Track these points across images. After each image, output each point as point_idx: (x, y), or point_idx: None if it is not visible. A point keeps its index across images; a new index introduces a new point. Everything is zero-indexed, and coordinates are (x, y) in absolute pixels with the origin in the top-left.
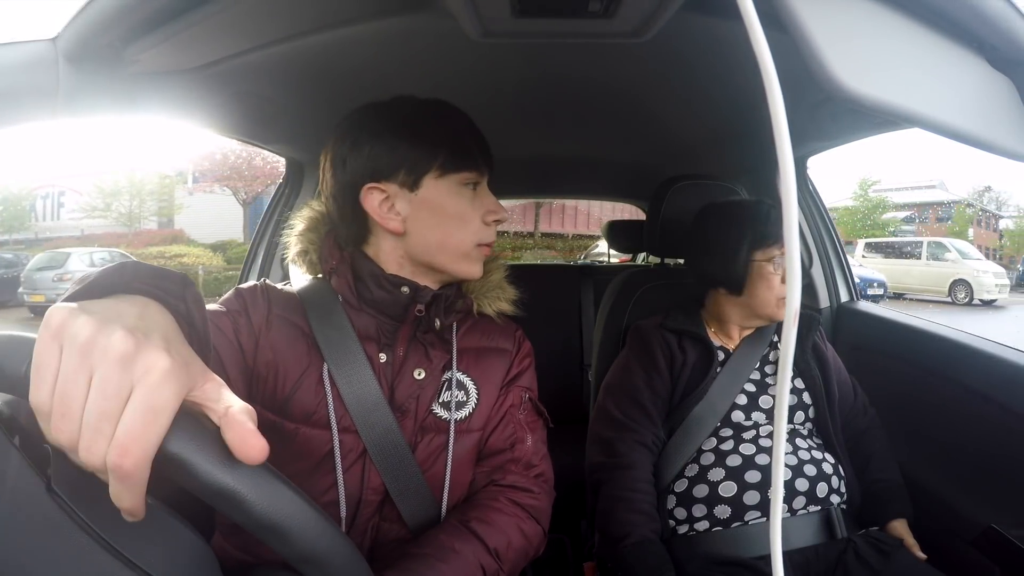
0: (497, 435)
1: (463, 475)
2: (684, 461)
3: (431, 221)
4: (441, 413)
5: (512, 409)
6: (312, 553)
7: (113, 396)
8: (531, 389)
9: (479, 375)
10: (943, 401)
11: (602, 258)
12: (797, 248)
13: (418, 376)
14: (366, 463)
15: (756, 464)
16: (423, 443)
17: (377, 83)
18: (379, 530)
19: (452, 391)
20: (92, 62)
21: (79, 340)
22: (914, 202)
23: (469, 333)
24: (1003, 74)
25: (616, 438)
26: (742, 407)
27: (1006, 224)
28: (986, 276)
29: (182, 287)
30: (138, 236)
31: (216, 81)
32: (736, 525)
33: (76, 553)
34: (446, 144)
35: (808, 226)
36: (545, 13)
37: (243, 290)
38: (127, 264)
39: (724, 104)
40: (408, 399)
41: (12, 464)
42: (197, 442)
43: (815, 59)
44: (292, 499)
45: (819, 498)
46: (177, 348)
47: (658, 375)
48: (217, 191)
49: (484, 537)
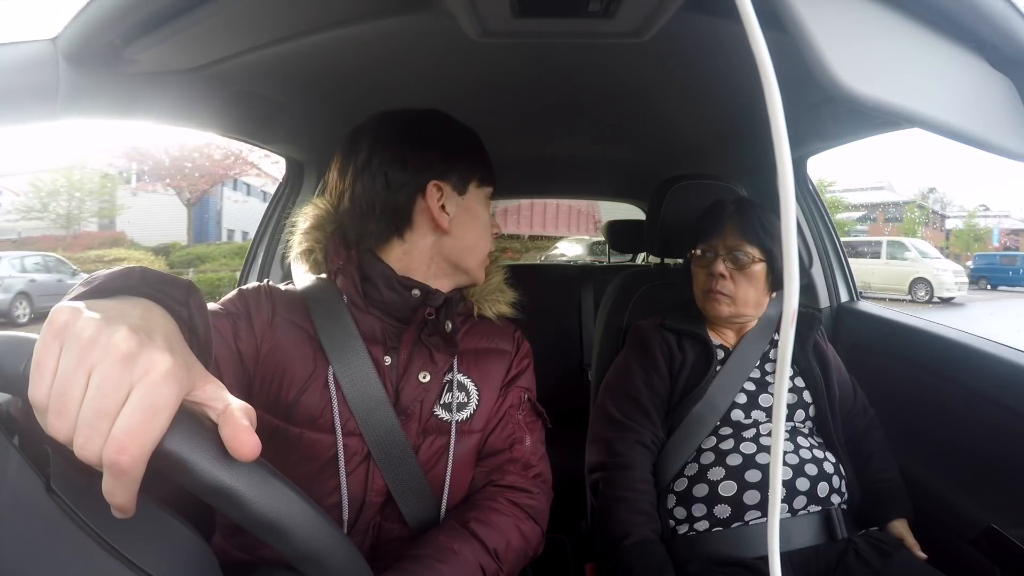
0: (496, 435)
1: (463, 475)
2: (684, 460)
3: (470, 225)
4: (442, 414)
5: (511, 410)
6: (311, 551)
7: (111, 394)
8: (530, 389)
9: (479, 376)
10: (943, 401)
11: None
12: (795, 248)
13: (423, 379)
14: (370, 466)
15: (757, 463)
16: (425, 445)
17: (377, 83)
18: (381, 529)
19: (454, 392)
20: (92, 62)
21: (81, 338)
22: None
23: (469, 335)
24: (1003, 74)
25: (616, 438)
26: (742, 405)
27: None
28: (946, 274)
29: (186, 294)
30: (77, 239)
31: (216, 81)
32: (736, 525)
33: (75, 553)
34: (483, 161)
35: (808, 226)
36: (545, 13)
37: (246, 291)
38: (134, 269)
39: (724, 104)
40: (413, 402)
41: (11, 464)
42: (195, 440)
43: (815, 59)
44: (290, 497)
45: (820, 498)
46: (178, 350)
47: (657, 375)
48: (160, 191)
49: (483, 538)
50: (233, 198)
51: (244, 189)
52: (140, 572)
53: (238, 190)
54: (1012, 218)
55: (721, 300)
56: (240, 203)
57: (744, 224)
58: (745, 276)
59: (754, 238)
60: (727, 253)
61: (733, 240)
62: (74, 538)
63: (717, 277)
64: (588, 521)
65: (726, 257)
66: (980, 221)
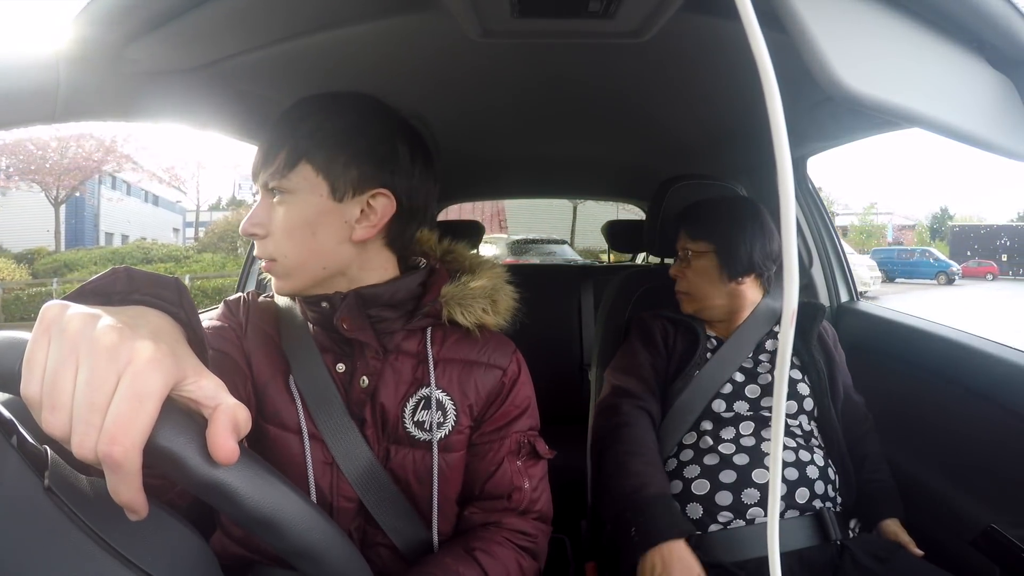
0: (494, 483)
1: (450, 491)
2: (666, 455)
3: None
4: (415, 432)
5: (509, 456)
6: (306, 547)
7: (99, 387)
8: (532, 430)
9: (458, 393)
10: (943, 401)
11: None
12: (795, 247)
13: (363, 384)
14: (335, 471)
15: (733, 463)
16: (397, 456)
17: (377, 83)
18: (365, 533)
19: (432, 411)
20: (92, 62)
21: (67, 331)
22: None
23: (457, 345)
24: (1003, 74)
25: (622, 403)
26: (726, 396)
27: (851, 220)
28: (861, 269)
29: (178, 295)
30: None
31: (216, 81)
32: (714, 528)
33: (74, 553)
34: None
35: (808, 226)
36: (545, 13)
37: (229, 302)
38: (118, 271)
39: (724, 104)
40: (359, 407)
41: (9, 464)
42: (187, 435)
43: (815, 59)
44: (284, 492)
45: (799, 503)
46: (166, 340)
47: (659, 356)
48: (24, 188)
49: (486, 567)
50: (111, 197)
51: (124, 188)
52: (139, 571)
53: (117, 189)
54: (896, 215)
55: (681, 298)
56: (117, 202)
57: (690, 224)
58: (691, 270)
59: (700, 233)
60: (681, 255)
61: (683, 242)
62: (73, 538)
63: (675, 279)
64: (588, 521)
65: (679, 260)
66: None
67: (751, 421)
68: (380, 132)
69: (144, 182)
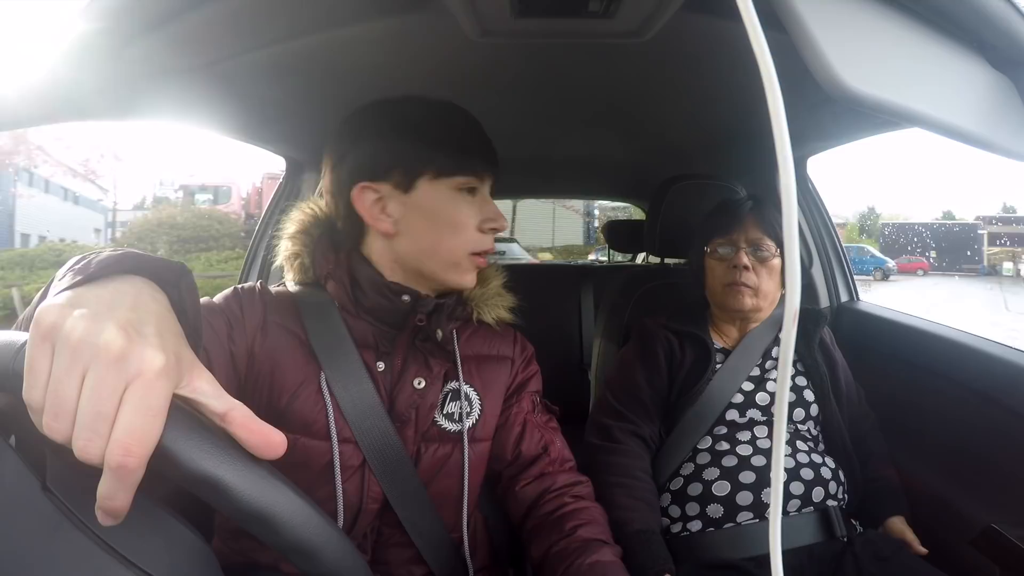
0: (527, 443)
1: (476, 482)
2: (680, 460)
3: (422, 225)
4: (445, 424)
5: (530, 416)
6: (301, 543)
7: (108, 397)
8: (539, 391)
9: (481, 384)
10: (943, 401)
11: None
12: (796, 248)
13: (418, 385)
14: (365, 473)
15: (752, 465)
16: (427, 454)
17: (377, 83)
18: (380, 534)
19: (460, 402)
20: (92, 62)
21: (71, 339)
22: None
23: (469, 341)
24: (1003, 74)
25: (615, 426)
26: (738, 405)
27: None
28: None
29: (178, 276)
30: None
31: (216, 81)
32: (728, 526)
33: (74, 553)
34: (445, 146)
35: (808, 226)
36: (545, 13)
37: (241, 291)
38: (128, 253)
39: (724, 104)
40: (408, 408)
41: (7, 463)
42: (180, 431)
43: (816, 59)
44: (277, 487)
45: (815, 502)
46: (169, 340)
47: (658, 374)
48: None
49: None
50: (26, 195)
51: (42, 185)
52: (139, 571)
53: (35, 186)
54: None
55: (745, 292)
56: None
57: (763, 218)
58: (766, 269)
59: (771, 232)
60: (748, 246)
61: (754, 234)
62: (72, 537)
63: (740, 269)
64: None
65: (748, 250)
66: None
67: (765, 426)
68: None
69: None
